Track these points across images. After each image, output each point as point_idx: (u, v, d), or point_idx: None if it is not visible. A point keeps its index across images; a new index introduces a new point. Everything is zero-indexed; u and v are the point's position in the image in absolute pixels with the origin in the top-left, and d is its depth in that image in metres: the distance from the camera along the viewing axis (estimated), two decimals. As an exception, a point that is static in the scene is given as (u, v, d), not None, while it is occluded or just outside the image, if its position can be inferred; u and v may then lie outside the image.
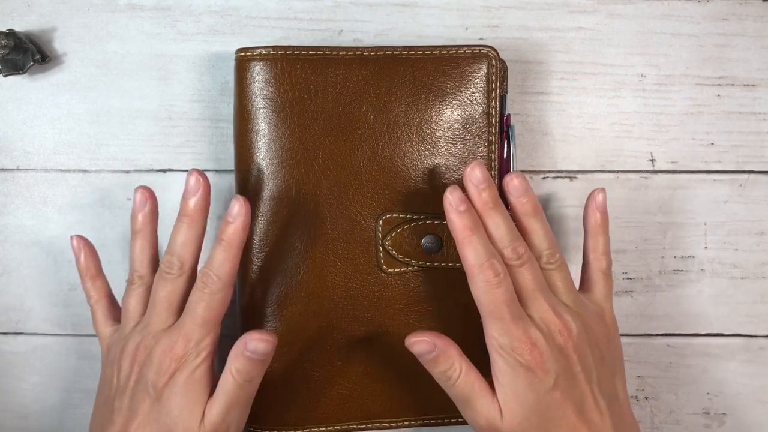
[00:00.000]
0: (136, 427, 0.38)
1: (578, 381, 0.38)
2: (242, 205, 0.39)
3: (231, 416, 0.39)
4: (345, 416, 0.44)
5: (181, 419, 0.38)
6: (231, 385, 0.38)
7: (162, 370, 0.38)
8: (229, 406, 0.38)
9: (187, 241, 0.40)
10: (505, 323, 0.37)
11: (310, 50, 0.42)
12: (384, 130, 0.43)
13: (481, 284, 0.38)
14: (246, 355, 0.38)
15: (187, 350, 0.38)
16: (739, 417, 0.48)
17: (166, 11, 0.46)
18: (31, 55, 0.44)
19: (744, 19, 0.47)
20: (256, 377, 0.39)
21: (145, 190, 0.42)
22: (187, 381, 0.38)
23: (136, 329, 0.40)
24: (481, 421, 0.38)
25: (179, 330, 0.39)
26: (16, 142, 0.47)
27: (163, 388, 0.38)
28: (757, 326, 0.48)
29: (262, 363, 0.38)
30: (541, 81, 0.47)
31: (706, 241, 0.48)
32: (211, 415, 0.38)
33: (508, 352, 0.37)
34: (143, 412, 0.38)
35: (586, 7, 0.47)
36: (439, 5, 0.46)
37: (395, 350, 0.44)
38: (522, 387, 0.37)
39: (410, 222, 0.43)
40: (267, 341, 0.38)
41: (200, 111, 0.46)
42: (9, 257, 0.47)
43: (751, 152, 0.47)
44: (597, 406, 0.38)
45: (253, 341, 0.38)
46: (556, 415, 0.37)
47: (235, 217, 0.39)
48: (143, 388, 0.38)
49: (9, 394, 0.48)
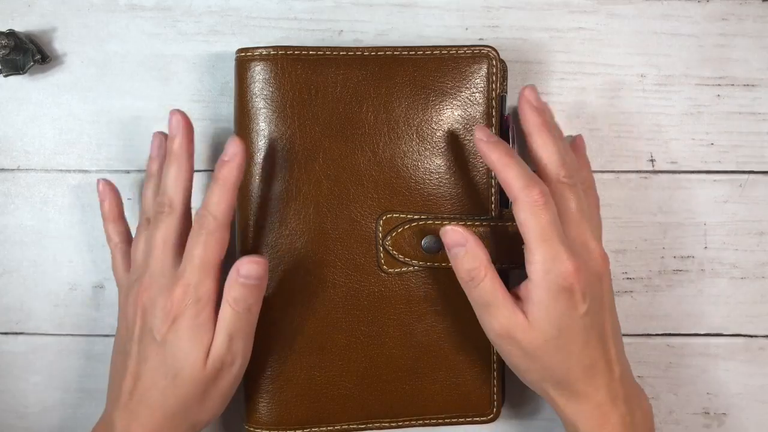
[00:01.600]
0: (145, 370, 0.39)
1: (604, 310, 0.40)
2: (237, 145, 0.39)
3: (235, 347, 0.39)
4: (345, 416, 0.44)
5: (187, 361, 0.39)
6: (230, 316, 0.39)
7: (164, 315, 0.39)
8: (231, 337, 0.39)
9: (176, 180, 0.40)
10: (553, 245, 0.37)
11: (310, 50, 0.42)
12: (384, 130, 0.43)
13: (526, 207, 0.37)
14: (240, 282, 0.38)
15: (187, 295, 0.39)
16: (739, 417, 0.49)
17: (166, 11, 0.46)
18: (32, 55, 0.44)
19: (744, 19, 0.47)
20: (254, 305, 0.39)
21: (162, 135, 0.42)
22: (190, 326, 0.39)
23: (143, 275, 0.41)
24: (497, 327, 0.39)
25: (178, 276, 0.39)
26: (16, 142, 0.47)
27: (167, 333, 0.39)
28: (757, 326, 0.48)
29: (257, 288, 0.39)
30: (541, 81, 0.47)
31: (706, 241, 0.48)
32: (215, 348, 0.39)
33: (554, 276, 0.37)
34: (151, 356, 0.39)
35: (586, 7, 0.47)
36: (439, 5, 0.46)
37: (395, 350, 0.44)
38: (558, 309, 0.38)
39: (410, 222, 0.43)
40: (258, 263, 0.38)
41: (200, 111, 0.46)
42: (9, 257, 0.47)
43: (751, 152, 0.47)
44: (613, 336, 0.40)
45: (244, 266, 0.38)
46: (581, 338, 0.38)
47: (231, 157, 0.39)
48: (148, 333, 0.39)
49: (9, 394, 0.48)
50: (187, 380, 0.39)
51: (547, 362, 0.39)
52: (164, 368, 0.39)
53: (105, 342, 0.48)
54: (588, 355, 0.39)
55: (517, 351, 0.39)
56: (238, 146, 0.39)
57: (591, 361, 0.39)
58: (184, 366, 0.39)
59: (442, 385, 0.44)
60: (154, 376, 0.39)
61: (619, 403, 0.39)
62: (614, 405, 0.39)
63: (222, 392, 0.41)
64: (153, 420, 0.39)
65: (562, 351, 0.38)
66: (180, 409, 0.39)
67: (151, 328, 0.39)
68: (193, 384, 0.39)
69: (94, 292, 0.47)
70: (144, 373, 0.39)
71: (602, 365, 0.39)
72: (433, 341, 0.44)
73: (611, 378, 0.39)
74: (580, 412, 0.39)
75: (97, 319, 0.47)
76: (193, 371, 0.39)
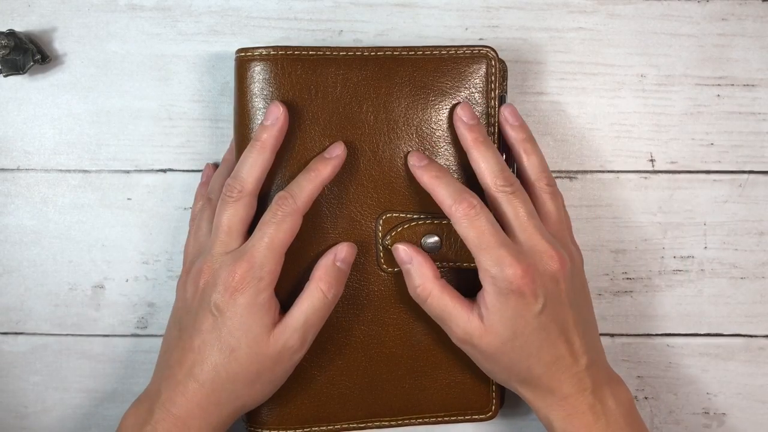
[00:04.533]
0: (199, 344, 0.39)
1: (564, 306, 0.40)
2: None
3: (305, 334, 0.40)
4: (345, 415, 0.44)
5: (246, 338, 0.39)
6: (317, 300, 0.40)
7: (224, 290, 0.39)
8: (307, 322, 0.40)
9: (253, 165, 0.40)
10: (493, 250, 0.38)
11: (310, 50, 0.42)
12: (384, 130, 0.43)
13: (461, 219, 0.39)
14: (337, 266, 0.40)
15: (251, 272, 0.39)
16: (739, 417, 0.48)
17: (166, 11, 0.46)
18: (32, 55, 0.44)
19: (744, 19, 0.47)
20: (339, 293, 0.41)
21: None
22: (250, 303, 0.39)
23: (203, 253, 0.41)
24: (455, 334, 0.40)
25: (244, 252, 0.39)
26: (16, 142, 0.47)
27: (227, 307, 0.39)
28: (757, 326, 0.48)
29: (346, 274, 0.41)
30: (541, 81, 0.47)
31: (705, 241, 0.48)
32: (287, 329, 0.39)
33: (499, 279, 0.38)
34: (207, 329, 0.39)
35: (585, 8, 0.47)
36: (439, 5, 0.46)
37: (395, 349, 0.44)
38: (510, 311, 0.39)
39: (410, 222, 0.43)
40: (352, 245, 0.41)
41: (200, 111, 0.47)
42: (9, 257, 0.47)
43: (751, 152, 0.47)
44: (577, 329, 0.40)
45: (344, 249, 0.40)
46: (541, 336, 0.39)
47: (336, 156, 0.41)
48: (206, 307, 0.39)
49: (9, 394, 0.48)
50: (243, 357, 0.39)
51: (508, 363, 0.40)
52: (219, 343, 0.39)
53: (105, 342, 0.48)
54: (548, 352, 0.39)
55: (478, 355, 0.41)
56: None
57: (552, 357, 0.39)
58: (242, 342, 0.39)
59: (441, 383, 0.44)
60: (208, 350, 0.39)
61: (587, 394, 0.40)
62: (581, 395, 0.40)
63: (275, 377, 0.40)
64: (200, 395, 0.39)
65: (519, 351, 0.39)
66: (229, 387, 0.39)
67: (210, 301, 0.39)
68: (249, 361, 0.39)
69: (94, 292, 0.47)
70: (197, 346, 0.39)
71: (567, 359, 0.40)
72: (433, 340, 0.44)
73: (577, 370, 0.40)
74: (549, 406, 0.40)
75: (97, 319, 0.47)
76: (253, 348, 0.39)
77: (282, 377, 0.41)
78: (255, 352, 0.39)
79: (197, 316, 0.40)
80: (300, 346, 0.40)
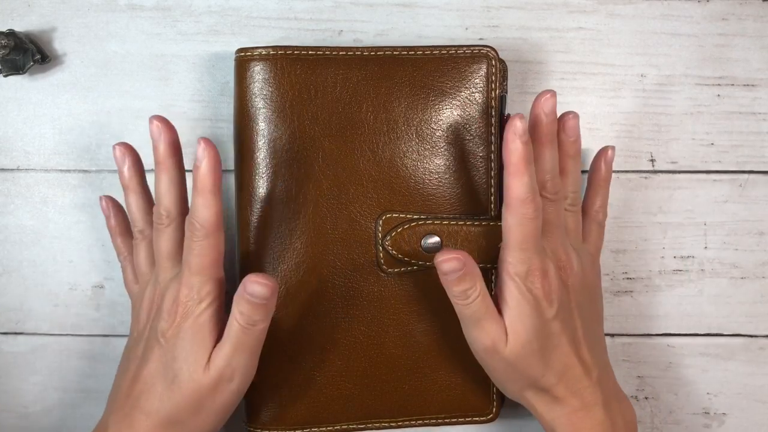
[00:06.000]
0: (146, 373, 0.39)
1: (573, 316, 0.41)
2: (205, 147, 0.38)
3: (236, 361, 0.39)
4: (345, 416, 0.44)
5: (186, 363, 0.39)
6: (235, 329, 0.39)
7: (169, 317, 0.39)
8: (233, 350, 0.39)
9: (167, 188, 0.40)
10: (528, 254, 0.39)
11: (309, 50, 0.42)
12: (384, 130, 0.43)
13: (518, 216, 0.39)
14: (246, 298, 0.38)
15: (190, 297, 0.39)
16: (739, 417, 0.48)
17: (166, 11, 0.46)
18: (32, 55, 0.44)
19: (744, 19, 0.47)
20: (259, 321, 0.39)
21: (123, 146, 0.42)
22: (191, 326, 0.39)
23: (151, 282, 0.42)
24: (486, 341, 0.39)
25: (180, 279, 0.39)
26: (16, 142, 0.47)
27: (171, 335, 0.39)
28: (757, 326, 0.48)
29: (264, 307, 0.38)
30: (541, 81, 0.47)
31: (706, 241, 0.48)
32: (217, 358, 0.39)
33: (522, 279, 0.39)
34: (154, 358, 0.39)
35: (586, 7, 0.47)
36: (439, 5, 0.46)
37: (395, 350, 0.44)
38: (528, 313, 0.39)
39: (410, 222, 0.43)
40: (264, 284, 0.37)
41: (200, 111, 0.47)
42: (9, 257, 0.47)
43: (751, 152, 0.47)
44: (585, 341, 0.41)
45: (250, 284, 0.37)
46: (553, 342, 0.39)
47: (200, 160, 0.38)
48: (154, 335, 0.40)
49: (9, 394, 0.48)
50: (184, 384, 0.39)
51: (526, 367, 0.39)
52: (164, 370, 0.39)
53: (105, 342, 0.48)
54: (559, 360, 0.39)
55: (500, 364, 0.40)
56: (206, 149, 0.38)
57: (563, 366, 0.40)
58: (183, 368, 0.39)
59: (441, 384, 0.44)
60: (153, 379, 0.39)
61: (597, 410, 0.40)
62: (591, 411, 0.40)
63: (218, 408, 0.40)
64: (146, 426, 0.39)
65: (537, 355, 0.39)
66: (174, 418, 0.39)
67: (157, 329, 0.39)
68: (189, 390, 0.39)
69: (94, 292, 0.47)
70: (144, 376, 0.39)
71: (578, 370, 0.40)
72: (433, 341, 0.44)
73: (588, 383, 0.40)
74: (557, 418, 0.40)
75: (97, 319, 0.47)
76: (191, 375, 0.39)
77: (226, 407, 0.40)
78: (194, 380, 0.39)
79: (146, 344, 0.40)
80: (232, 374, 0.39)
